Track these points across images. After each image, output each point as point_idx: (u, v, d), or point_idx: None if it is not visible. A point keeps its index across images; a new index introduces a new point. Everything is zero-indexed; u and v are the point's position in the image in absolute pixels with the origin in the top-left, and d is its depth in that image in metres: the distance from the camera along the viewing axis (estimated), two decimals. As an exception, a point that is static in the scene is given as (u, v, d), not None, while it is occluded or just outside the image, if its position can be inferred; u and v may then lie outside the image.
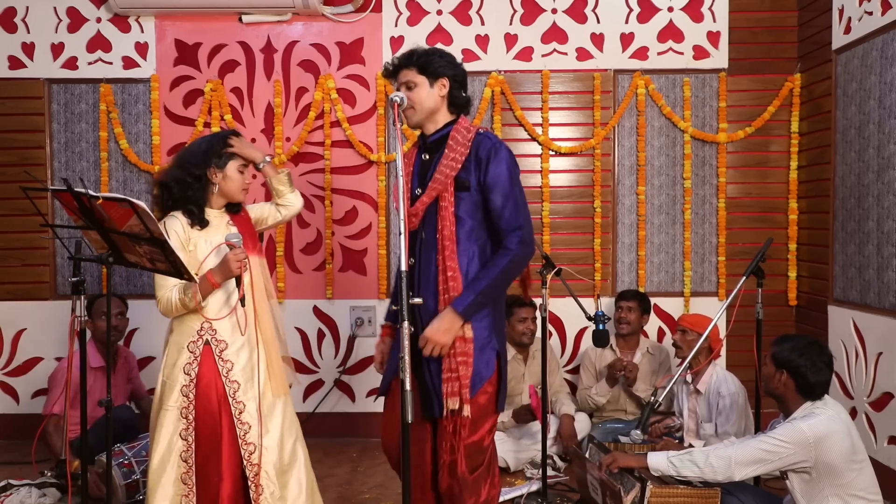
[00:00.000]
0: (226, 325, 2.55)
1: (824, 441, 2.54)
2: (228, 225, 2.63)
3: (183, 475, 2.47)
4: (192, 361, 2.52)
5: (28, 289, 4.61)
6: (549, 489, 3.52)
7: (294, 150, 4.56)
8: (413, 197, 2.52)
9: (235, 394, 2.54)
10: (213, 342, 2.53)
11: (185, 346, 2.53)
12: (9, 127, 4.58)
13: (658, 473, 2.84)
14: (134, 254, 2.22)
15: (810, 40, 4.41)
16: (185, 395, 2.50)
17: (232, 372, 2.54)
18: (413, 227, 2.50)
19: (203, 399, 2.50)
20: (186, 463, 2.48)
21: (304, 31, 4.59)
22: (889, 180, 3.56)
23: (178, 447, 2.49)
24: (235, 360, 2.55)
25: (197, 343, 2.53)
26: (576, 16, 4.57)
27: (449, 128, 2.53)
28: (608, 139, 4.59)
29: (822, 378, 2.63)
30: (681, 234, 4.60)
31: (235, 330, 2.56)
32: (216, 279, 2.47)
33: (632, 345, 4.27)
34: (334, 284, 4.61)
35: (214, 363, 2.53)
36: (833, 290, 4.08)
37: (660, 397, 3.04)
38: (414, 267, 2.50)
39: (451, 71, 2.52)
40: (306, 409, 4.59)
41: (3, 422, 4.60)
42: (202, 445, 2.50)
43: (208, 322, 2.53)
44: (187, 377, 2.51)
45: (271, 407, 2.61)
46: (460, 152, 2.46)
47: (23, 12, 4.56)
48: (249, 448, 2.53)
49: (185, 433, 2.50)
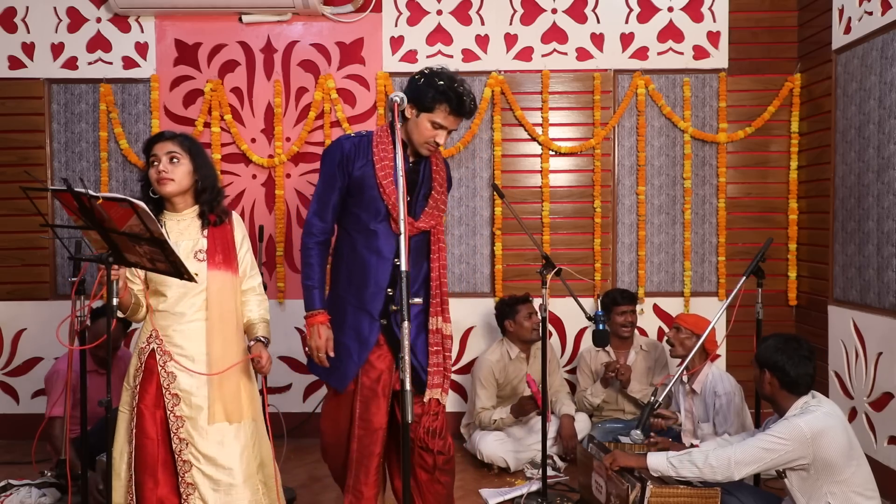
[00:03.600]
0: (179, 335, 2.43)
1: (821, 437, 2.55)
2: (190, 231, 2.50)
3: (127, 482, 2.40)
4: (139, 367, 2.44)
5: (28, 289, 4.61)
6: (549, 489, 3.52)
7: (294, 150, 4.56)
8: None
9: (174, 407, 2.40)
10: (159, 351, 2.42)
11: (136, 351, 2.47)
12: (9, 127, 4.58)
13: (658, 474, 2.85)
14: (134, 254, 2.22)
15: (810, 40, 4.41)
16: (129, 403, 2.45)
17: (174, 384, 2.41)
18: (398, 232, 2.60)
19: (144, 407, 2.40)
20: (129, 468, 2.41)
21: (304, 31, 4.59)
22: (889, 180, 3.56)
23: (124, 452, 2.43)
24: (178, 372, 2.41)
25: (144, 350, 2.44)
26: (576, 16, 4.57)
27: None
28: (608, 139, 4.59)
29: (803, 370, 2.66)
30: (681, 234, 4.60)
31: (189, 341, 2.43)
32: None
33: (627, 344, 4.27)
34: (334, 284, 4.60)
35: (157, 372, 2.42)
36: (833, 290, 4.08)
37: (659, 397, 3.04)
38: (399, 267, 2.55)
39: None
40: (306, 410, 4.59)
41: (3, 422, 4.60)
42: (140, 452, 2.39)
43: (157, 330, 2.42)
44: (134, 381, 2.44)
45: (222, 431, 2.42)
46: (443, 177, 2.78)
47: (23, 12, 4.56)
48: (185, 466, 2.40)
49: (131, 437, 2.42)
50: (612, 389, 4.23)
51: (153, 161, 2.45)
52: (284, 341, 4.59)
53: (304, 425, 4.53)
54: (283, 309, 4.60)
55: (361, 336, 2.64)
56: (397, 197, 2.56)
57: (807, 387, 2.69)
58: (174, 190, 2.45)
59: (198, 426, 2.40)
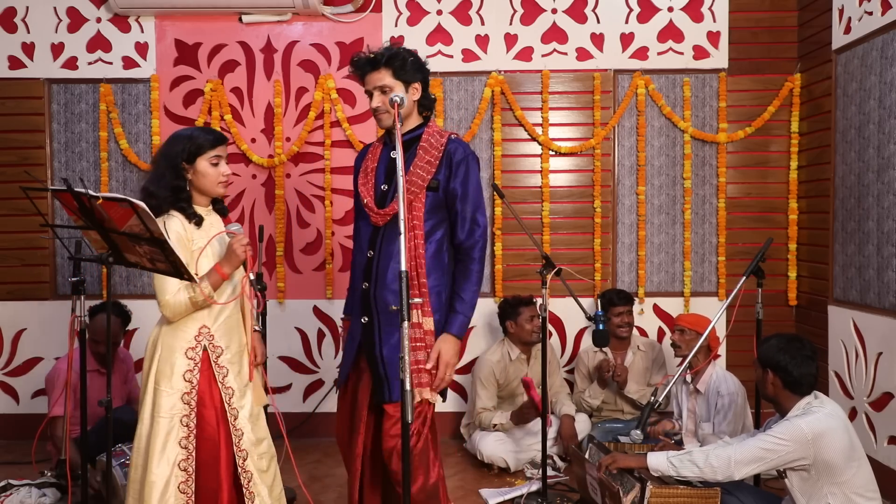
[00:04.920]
0: (221, 329, 2.52)
1: (822, 438, 2.55)
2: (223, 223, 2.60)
3: (181, 484, 2.42)
4: (193, 368, 2.46)
5: (28, 289, 4.61)
6: (549, 489, 3.52)
7: (294, 150, 4.56)
8: (378, 192, 2.65)
9: (231, 400, 2.50)
10: (211, 347, 2.49)
11: (181, 352, 2.46)
12: (9, 127, 4.58)
13: (658, 474, 2.85)
14: (134, 254, 2.22)
15: (810, 40, 4.41)
16: (186, 403, 2.44)
17: (227, 378, 2.50)
18: (378, 223, 2.61)
19: (202, 406, 2.46)
20: (186, 472, 2.43)
21: (304, 31, 4.59)
22: (889, 180, 3.56)
23: (177, 456, 2.43)
24: (229, 365, 2.51)
25: (196, 349, 2.47)
26: (576, 16, 4.57)
27: (420, 130, 2.64)
28: (608, 139, 4.59)
29: (806, 371, 2.65)
30: (681, 234, 4.60)
31: (229, 334, 2.53)
32: (225, 270, 2.45)
33: (624, 344, 4.27)
34: (334, 284, 4.61)
35: (211, 369, 2.48)
36: (833, 290, 4.08)
37: (659, 397, 3.04)
38: (373, 259, 2.61)
39: (422, 74, 2.62)
40: (306, 410, 4.59)
41: (3, 422, 4.60)
42: (201, 453, 2.45)
43: (206, 327, 2.49)
44: (188, 384, 2.45)
45: (256, 416, 2.58)
46: (433, 156, 2.58)
47: (23, 12, 4.56)
48: (243, 454, 2.50)
49: (186, 441, 2.43)
50: (610, 390, 4.23)
51: (215, 162, 2.51)
52: (284, 341, 4.59)
53: (304, 425, 4.53)
54: (283, 309, 4.60)
55: (353, 334, 2.69)
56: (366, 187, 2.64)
57: (809, 387, 2.68)
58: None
59: (248, 415, 2.53)
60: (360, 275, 2.65)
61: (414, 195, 2.55)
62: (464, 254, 2.61)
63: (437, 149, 2.59)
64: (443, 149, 2.59)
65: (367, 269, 2.61)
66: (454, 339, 2.55)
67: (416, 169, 2.56)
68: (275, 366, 4.56)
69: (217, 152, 2.52)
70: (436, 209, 2.59)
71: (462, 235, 2.60)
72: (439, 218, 2.61)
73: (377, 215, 2.60)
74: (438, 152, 2.58)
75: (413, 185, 2.54)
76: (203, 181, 2.51)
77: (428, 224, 2.58)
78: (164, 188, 2.46)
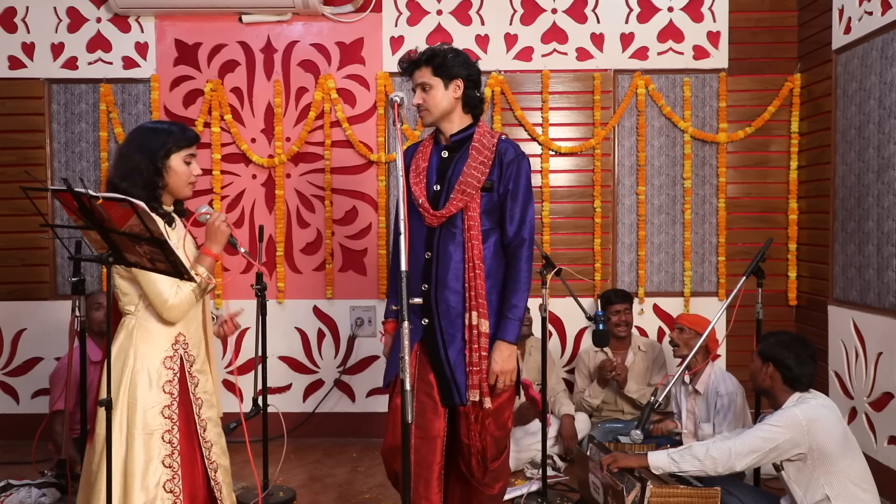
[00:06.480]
0: (194, 337, 2.37)
1: (816, 424, 2.61)
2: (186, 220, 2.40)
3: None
4: (173, 379, 2.28)
5: (28, 289, 4.61)
6: (549, 489, 3.53)
7: (294, 150, 4.56)
8: (431, 192, 2.61)
9: (200, 410, 2.36)
10: (185, 356, 2.33)
11: (159, 362, 2.27)
12: (9, 127, 4.58)
13: (659, 472, 2.85)
14: (134, 254, 2.21)
15: (810, 40, 4.41)
16: (167, 418, 2.25)
17: (198, 388, 2.35)
18: (433, 224, 2.59)
19: (182, 420, 2.29)
20: (173, 493, 2.22)
21: (304, 31, 4.59)
22: (889, 180, 3.56)
23: (161, 477, 2.21)
24: (199, 374, 2.37)
25: (174, 358, 2.30)
26: (576, 16, 4.57)
27: (471, 130, 2.64)
28: (608, 139, 4.59)
29: (807, 370, 2.73)
30: (681, 234, 4.60)
31: (199, 343, 2.39)
32: (214, 250, 2.31)
33: (625, 344, 4.27)
34: (334, 284, 4.61)
35: (186, 379, 2.32)
36: (833, 290, 4.08)
37: (659, 397, 3.04)
38: (431, 260, 2.59)
39: (466, 71, 2.59)
40: (306, 410, 4.59)
41: (3, 422, 4.60)
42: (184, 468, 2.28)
43: (182, 335, 2.33)
44: (169, 396, 2.26)
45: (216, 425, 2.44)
46: (486, 156, 2.58)
47: (23, 12, 4.56)
48: (213, 466, 2.37)
49: (170, 460, 2.23)
50: (610, 390, 4.23)
51: (189, 161, 2.35)
52: (284, 341, 4.59)
53: (304, 425, 4.53)
54: (283, 309, 4.60)
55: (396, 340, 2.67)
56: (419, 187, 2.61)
57: (807, 385, 2.76)
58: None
59: (214, 425, 2.41)
60: (418, 276, 2.60)
61: (470, 196, 2.54)
62: (512, 253, 2.62)
63: (489, 149, 2.59)
64: (494, 149, 2.60)
65: (426, 271, 2.59)
66: (508, 345, 2.55)
67: (470, 170, 2.55)
68: (275, 366, 4.56)
69: (192, 150, 2.36)
70: (491, 211, 2.59)
71: (511, 233, 2.61)
72: (494, 219, 2.61)
73: (432, 217, 2.58)
74: (490, 153, 2.59)
75: (468, 185, 2.54)
76: (174, 179, 2.32)
77: (484, 225, 2.58)
78: (138, 185, 2.26)
